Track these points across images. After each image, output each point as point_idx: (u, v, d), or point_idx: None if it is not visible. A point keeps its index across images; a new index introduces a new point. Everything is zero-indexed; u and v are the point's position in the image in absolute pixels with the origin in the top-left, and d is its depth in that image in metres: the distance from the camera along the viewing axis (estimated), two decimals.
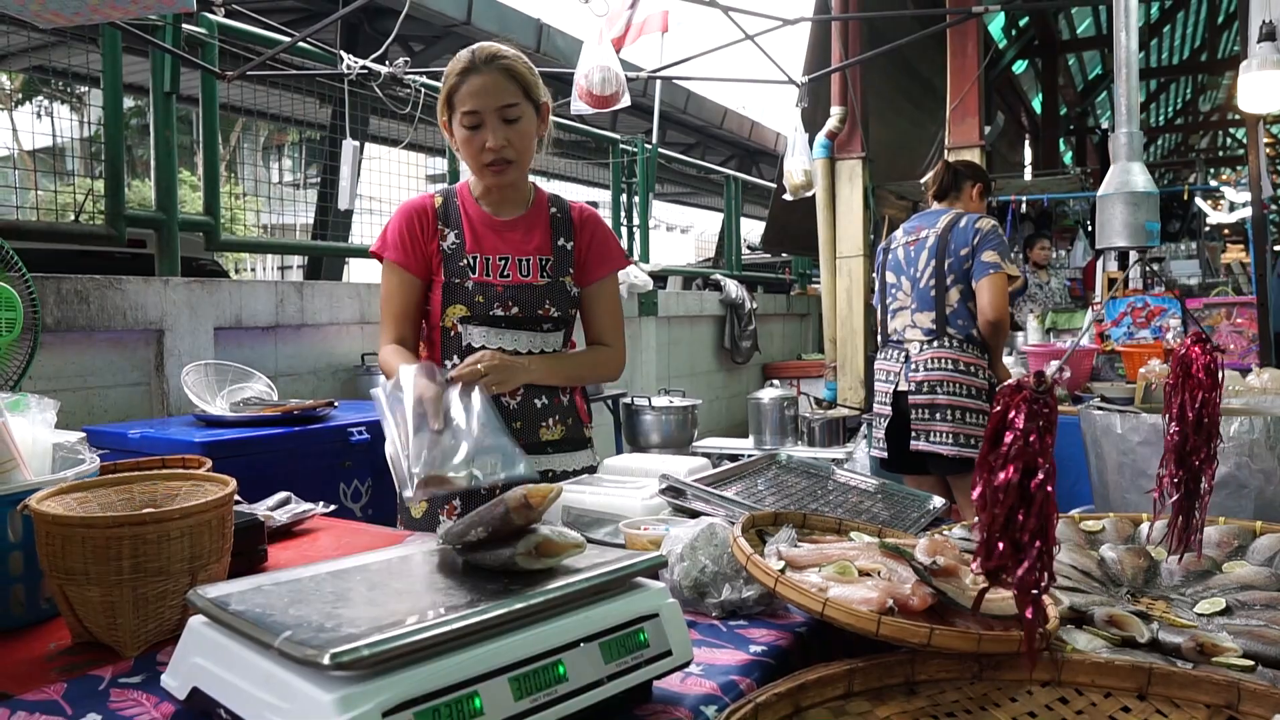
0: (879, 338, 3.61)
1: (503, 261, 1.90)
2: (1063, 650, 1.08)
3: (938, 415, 3.16)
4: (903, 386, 3.34)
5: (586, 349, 2.02)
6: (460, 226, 1.91)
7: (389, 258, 1.89)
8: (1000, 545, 0.90)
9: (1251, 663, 1.08)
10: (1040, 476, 0.88)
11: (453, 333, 1.90)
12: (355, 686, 0.70)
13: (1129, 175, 1.18)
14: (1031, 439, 0.88)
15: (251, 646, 0.78)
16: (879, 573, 1.09)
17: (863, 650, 1.01)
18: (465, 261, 1.88)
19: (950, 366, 3.18)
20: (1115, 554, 1.48)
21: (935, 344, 3.24)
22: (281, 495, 1.77)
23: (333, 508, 1.87)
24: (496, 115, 1.79)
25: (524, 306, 1.89)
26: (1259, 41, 2.84)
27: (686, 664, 0.94)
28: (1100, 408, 2.54)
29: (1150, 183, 1.17)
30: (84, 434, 1.39)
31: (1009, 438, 0.89)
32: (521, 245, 1.92)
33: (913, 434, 3.24)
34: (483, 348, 1.85)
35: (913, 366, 3.32)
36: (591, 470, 1.99)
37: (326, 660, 0.69)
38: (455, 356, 1.88)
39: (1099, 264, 6.27)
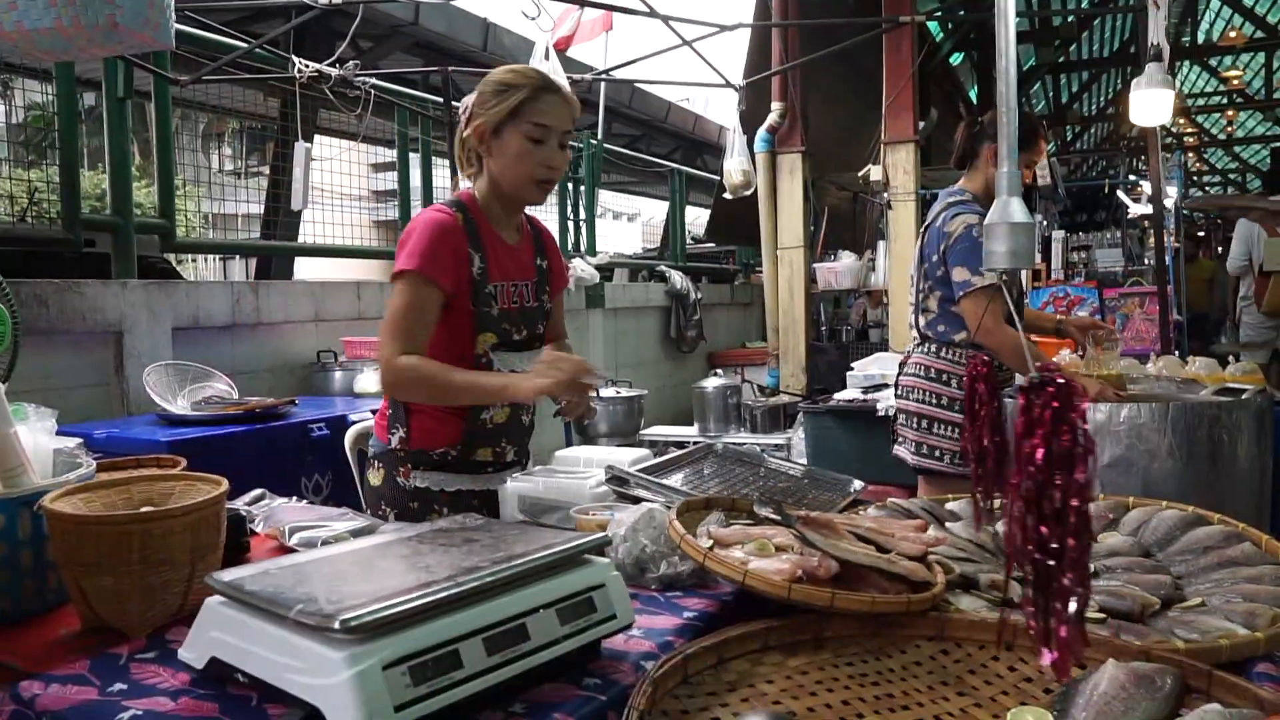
0: None
1: (514, 288, 1.92)
2: (947, 609, 1.28)
3: (911, 422, 2.95)
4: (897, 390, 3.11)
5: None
6: (482, 250, 1.86)
7: (426, 273, 1.77)
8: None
9: (1103, 616, 1.29)
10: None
11: (484, 359, 1.88)
12: (360, 646, 0.86)
13: (1009, 209, 1.39)
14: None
15: (268, 619, 0.94)
16: (792, 548, 1.28)
17: (781, 614, 1.20)
18: (490, 289, 1.86)
19: (922, 373, 2.93)
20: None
21: (919, 349, 3.00)
22: (257, 492, 1.90)
23: (304, 502, 2.01)
24: (559, 138, 1.83)
25: (529, 329, 1.95)
26: (1147, 62, 3.08)
27: (629, 626, 1.13)
28: (1012, 396, 2.76)
29: (1026, 214, 1.38)
30: (81, 439, 1.52)
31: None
32: (524, 270, 1.96)
33: (895, 439, 3.06)
34: (512, 370, 1.88)
35: (901, 370, 3.08)
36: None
37: (337, 626, 0.85)
38: None
39: None
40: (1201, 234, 13.19)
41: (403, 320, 1.77)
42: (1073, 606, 0.87)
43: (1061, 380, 0.87)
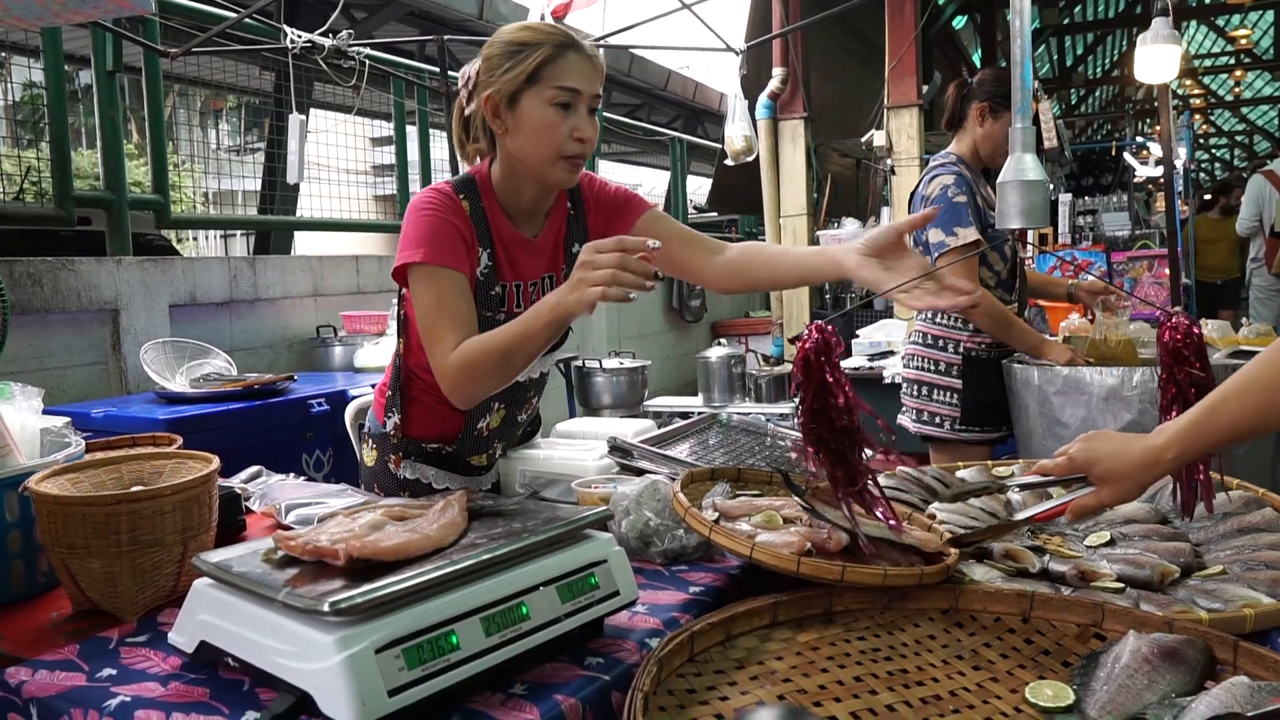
0: None
1: (532, 288, 1.66)
2: (961, 582, 1.25)
3: (912, 389, 2.93)
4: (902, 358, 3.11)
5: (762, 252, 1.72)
6: (491, 245, 1.59)
7: (436, 261, 1.49)
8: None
9: (1122, 585, 1.26)
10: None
11: None
12: (351, 629, 0.83)
13: (1023, 164, 1.33)
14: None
15: (256, 602, 0.90)
16: (800, 520, 1.24)
17: (789, 588, 1.16)
18: (496, 291, 1.61)
19: (921, 340, 2.91)
20: (1020, 496, 1.65)
21: (920, 316, 2.96)
22: (254, 469, 1.87)
23: (302, 479, 1.98)
24: (587, 103, 1.52)
25: None
26: (1154, 17, 3.01)
27: (632, 603, 1.09)
28: (1020, 361, 2.72)
29: (1041, 171, 1.32)
30: (69, 418, 1.48)
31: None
32: (546, 263, 1.68)
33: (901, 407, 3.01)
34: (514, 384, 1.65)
35: (907, 338, 3.08)
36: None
37: (326, 608, 0.82)
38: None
39: None
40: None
41: (437, 314, 1.48)
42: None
43: (827, 329, 1.21)
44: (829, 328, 1.21)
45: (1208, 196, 9.66)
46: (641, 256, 1.26)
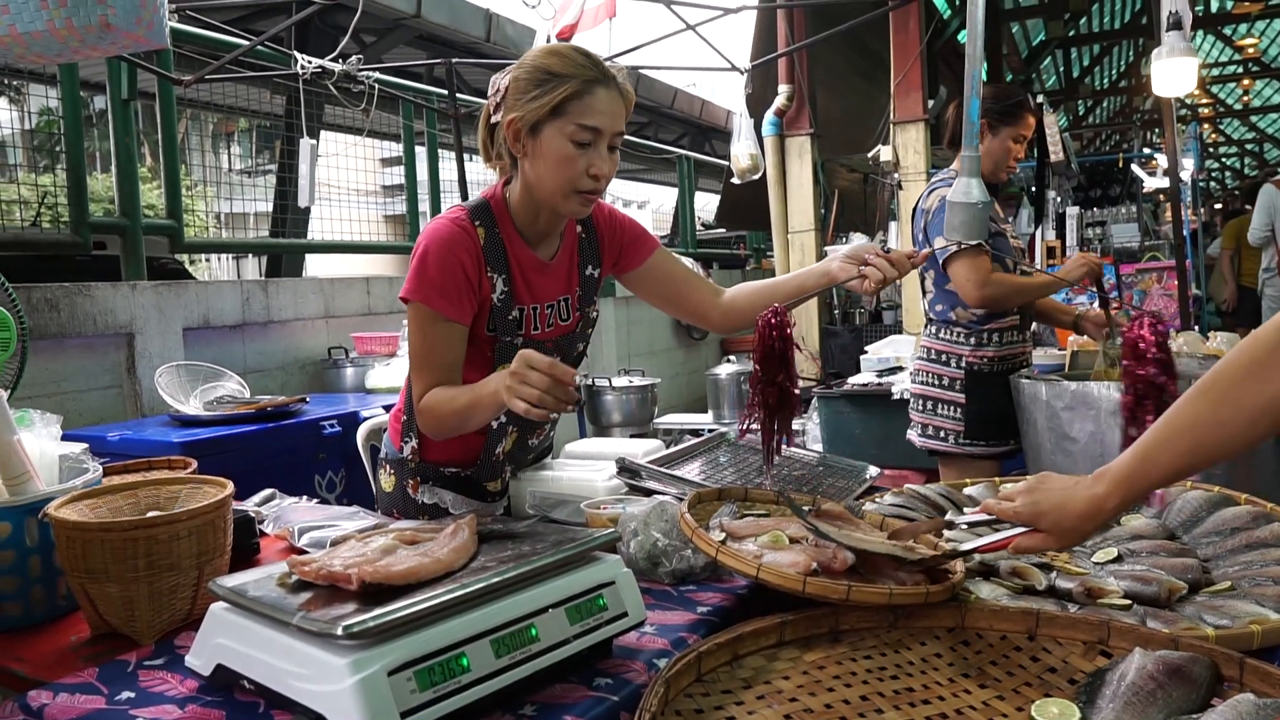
0: None
1: (549, 310, 1.71)
2: (967, 600, 1.25)
3: (918, 404, 2.93)
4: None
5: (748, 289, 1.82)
6: (508, 271, 1.64)
7: (433, 307, 1.57)
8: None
9: (1129, 602, 1.26)
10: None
11: None
12: (364, 652, 0.85)
13: (970, 188, 1.41)
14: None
15: (271, 625, 0.92)
16: (806, 539, 1.25)
17: (796, 607, 1.17)
18: (514, 315, 1.66)
19: (925, 354, 2.92)
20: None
21: (925, 331, 2.97)
22: (267, 492, 1.89)
23: (314, 501, 2.00)
24: (608, 141, 1.56)
25: (565, 353, 1.76)
26: (1166, 30, 3.03)
27: (640, 624, 1.10)
28: (1027, 376, 2.73)
29: (985, 194, 1.43)
30: (86, 443, 1.51)
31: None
32: (562, 287, 1.74)
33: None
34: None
35: (913, 355, 3.08)
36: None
37: (339, 632, 0.84)
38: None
39: (1037, 233, 6.49)
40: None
41: (421, 359, 1.60)
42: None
43: (783, 311, 1.48)
44: (784, 310, 1.48)
45: (1217, 205, 9.60)
46: (567, 384, 1.35)
